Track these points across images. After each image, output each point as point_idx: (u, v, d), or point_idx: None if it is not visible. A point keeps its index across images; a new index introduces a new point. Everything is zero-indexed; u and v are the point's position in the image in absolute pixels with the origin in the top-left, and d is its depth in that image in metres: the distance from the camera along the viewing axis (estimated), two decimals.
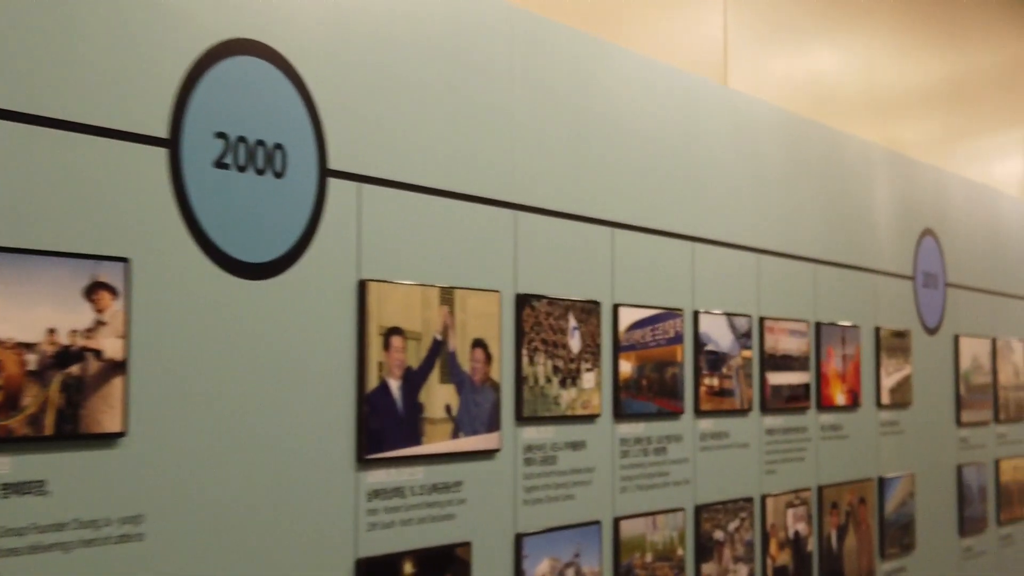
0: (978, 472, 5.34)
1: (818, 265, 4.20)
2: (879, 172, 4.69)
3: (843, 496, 4.23)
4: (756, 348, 3.82)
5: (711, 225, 3.64)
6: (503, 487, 2.82)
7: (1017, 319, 5.88)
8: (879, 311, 4.59)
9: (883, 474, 4.54)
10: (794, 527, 3.94)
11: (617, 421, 3.20)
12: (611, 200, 3.23)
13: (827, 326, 4.19)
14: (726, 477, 3.63)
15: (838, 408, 4.25)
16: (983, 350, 5.46)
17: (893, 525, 4.56)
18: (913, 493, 4.74)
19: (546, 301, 2.97)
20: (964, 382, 5.25)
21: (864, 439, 4.42)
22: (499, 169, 2.87)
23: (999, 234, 5.75)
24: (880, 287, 4.61)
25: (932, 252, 5.06)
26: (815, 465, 4.11)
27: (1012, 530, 5.68)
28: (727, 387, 3.65)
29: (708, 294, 3.60)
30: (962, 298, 5.31)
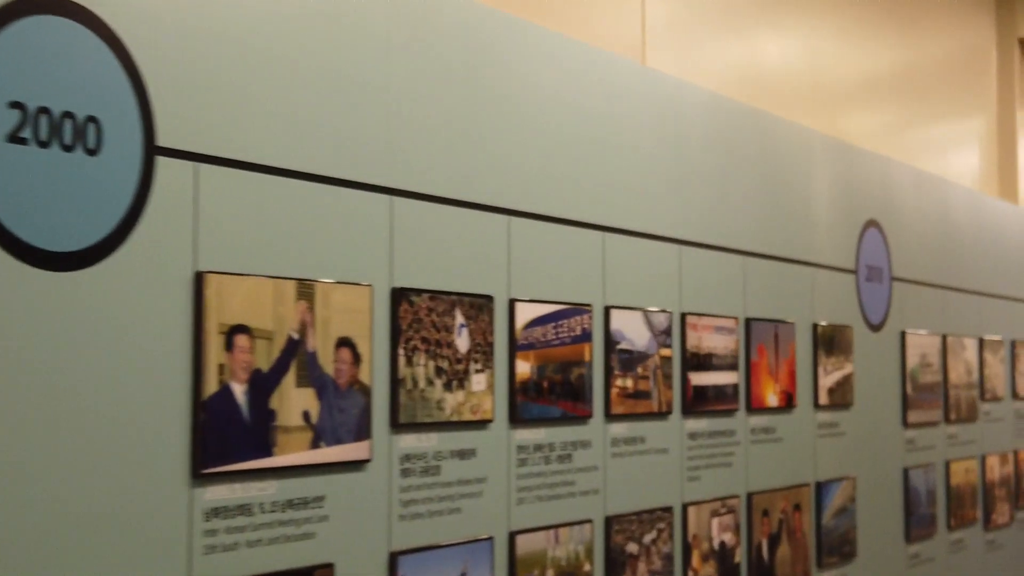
0: (926, 475, 5.11)
1: (748, 258, 3.94)
2: (818, 160, 4.45)
3: (775, 503, 3.98)
4: (677, 346, 3.56)
5: (625, 214, 3.37)
6: (375, 501, 2.55)
7: (968, 315, 5.65)
8: (817, 306, 4.35)
9: (821, 479, 4.29)
10: (720, 537, 3.69)
11: (514, 426, 2.93)
12: (507, 185, 2.96)
13: (758, 322, 3.94)
14: (642, 485, 3.37)
15: (770, 410, 4.00)
16: (932, 347, 5.23)
17: (832, 533, 4.32)
18: (854, 498, 4.50)
19: (428, 296, 2.69)
20: (911, 381, 5.02)
21: (799, 442, 4.18)
22: (372, 150, 2.59)
23: (949, 226, 5.52)
24: (818, 281, 4.37)
25: (876, 244, 4.82)
26: (744, 471, 3.86)
27: (963, 535, 5.45)
28: (643, 388, 3.39)
29: (621, 288, 3.34)
30: (909, 293, 5.07)
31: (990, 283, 5.93)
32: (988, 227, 5.97)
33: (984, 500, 5.69)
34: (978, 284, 5.77)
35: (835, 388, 4.41)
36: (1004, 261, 6.14)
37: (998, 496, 5.84)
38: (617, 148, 3.36)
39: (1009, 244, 6.24)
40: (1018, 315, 6.26)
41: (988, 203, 6.07)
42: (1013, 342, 6.16)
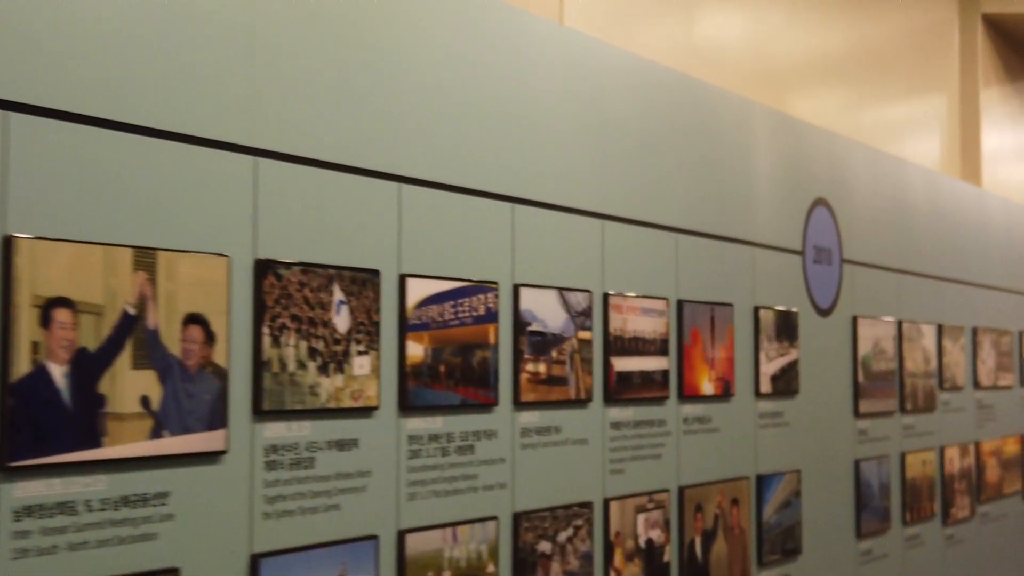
0: (879, 467, 4.86)
1: (681, 235, 3.68)
2: (761, 134, 4.19)
3: (710, 497, 3.73)
4: (599, 329, 3.30)
5: (538, 184, 3.11)
6: (232, 498, 2.27)
7: (926, 300, 5.41)
8: (759, 289, 4.09)
9: (762, 471, 4.04)
10: (646, 535, 3.43)
11: (404, 415, 2.66)
12: (399, 149, 2.69)
13: (692, 304, 3.68)
14: (557, 479, 3.11)
15: (706, 398, 3.74)
16: (886, 333, 4.98)
17: (774, 529, 4.07)
18: (800, 492, 4.25)
19: (299, 269, 2.42)
20: (863, 369, 4.77)
21: (738, 433, 3.92)
22: (233, 105, 2.31)
23: (905, 207, 5.27)
24: (760, 262, 4.11)
25: (825, 224, 4.57)
26: (675, 463, 3.60)
27: (920, 530, 5.21)
28: (558, 374, 3.13)
29: (534, 265, 3.07)
30: (861, 276, 4.82)
31: (950, 267, 5.69)
32: (947, 209, 5.73)
33: (943, 494, 5.45)
34: (937, 268, 5.54)
35: (779, 375, 4.16)
36: (965, 245, 5.91)
37: (958, 489, 5.61)
38: (529, 112, 3.09)
39: (970, 227, 6.01)
40: (980, 301, 6.03)
41: (947, 184, 5.84)
42: (975, 329, 5.92)
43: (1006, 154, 7.38)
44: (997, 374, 6.17)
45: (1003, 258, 6.39)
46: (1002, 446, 6.18)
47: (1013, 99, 7.36)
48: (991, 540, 5.97)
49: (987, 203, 6.29)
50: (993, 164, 7.02)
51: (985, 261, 6.14)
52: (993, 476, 6.04)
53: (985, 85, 6.70)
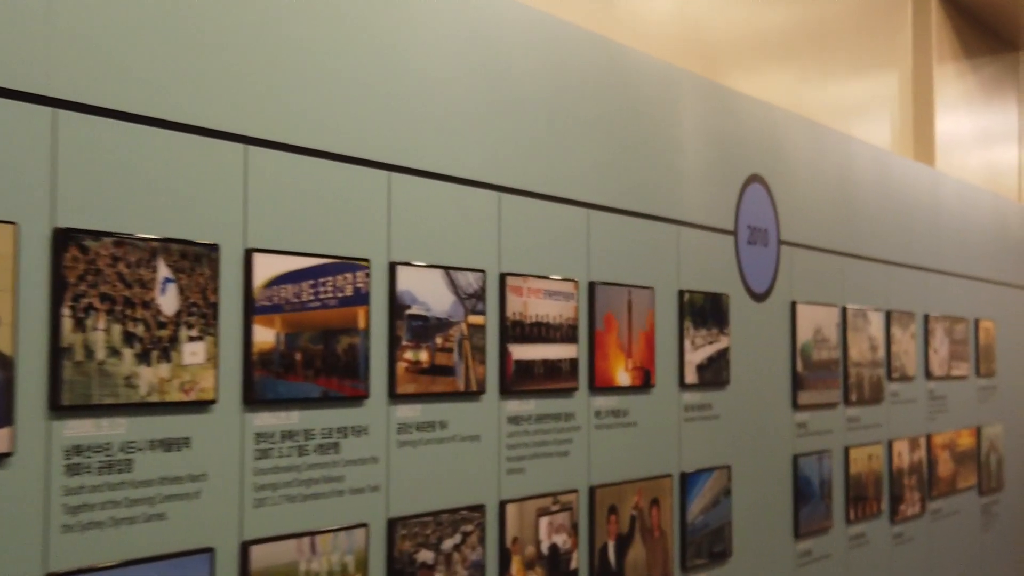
0: (820, 462, 4.57)
1: (594, 211, 3.36)
2: (688, 103, 3.87)
3: (626, 498, 3.42)
4: (494, 313, 2.97)
5: (421, 150, 2.77)
6: (21, 509, 1.93)
7: (874, 286, 5.12)
8: (684, 271, 3.78)
9: (686, 469, 3.73)
10: (550, 540, 3.11)
11: (249, 409, 2.33)
12: (244, 106, 2.35)
13: (606, 287, 3.37)
14: (442, 480, 2.79)
15: (621, 389, 3.43)
16: (828, 320, 4.68)
17: (700, 530, 3.76)
18: (730, 490, 3.95)
19: (112, 240, 2.08)
20: (802, 358, 4.47)
21: (659, 427, 3.61)
22: (26, 49, 1.97)
23: (850, 186, 4.98)
24: (686, 242, 3.80)
25: (761, 203, 4.26)
26: (586, 461, 3.28)
27: (865, 528, 4.93)
28: (443, 363, 2.80)
29: (414, 242, 2.74)
30: (802, 259, 4.52)
31: (900, 251, 5.41)
32: (897, 190, 5.44)
33: (891, 490, 5.17)
34: (885, 252, 5.25)
35: (706, 365, 3.85)
36: (916, 228, 5.62)
37: (907, 485, 5.33)
38: (409, 70, 2.76)
39: (922, 209, 5.72)
40: (932, 287, 5.75)
41: (897, 163, 5.54)
42: (927, 316, 5.64)
43: (961, 135, 7.11)
44: (950, 364, 5.89)
45: (958, 242, 6.12)
46: (955, 439, 5.91)
47: (969, 77, 7.09)
48: (943, 538, 5.71)
49: (941, 184, 6.01)
50: (947, 145, 6.74)
51: (938, 245, 5.86)
52: (946, 471, 5.77)
53: (940, 62, 6.41)
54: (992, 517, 6.39)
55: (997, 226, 6.73)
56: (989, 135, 7.71)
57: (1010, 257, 6.92)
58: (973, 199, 6.39)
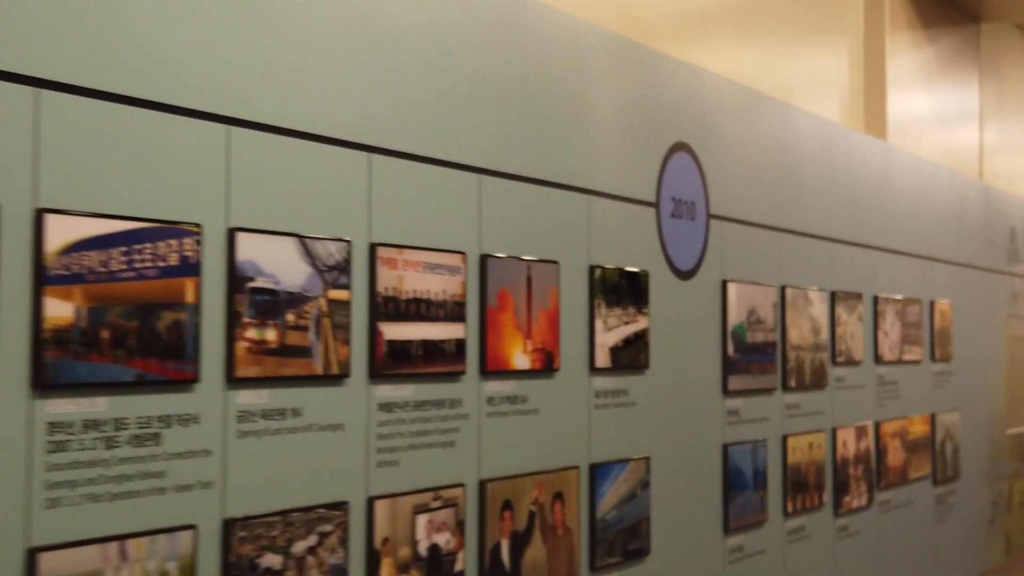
0: (754, 452, 4.28)
1: (487, 177, 3.05)
2: (605, 64, 3.56)
3: (524, 492, 3.11)
4: (361, 287, 2.66)
5: (265, 102, 2.45)
6: None
7: (816, 264, 4.83)
8: (596, 245, 3.47)
9: (597, 460, 3.43)
10: (429, 540, 2.80)
11: (39, 395, 2.01)
12: (37, 47, 2.02)
13: (500, 260, 3.06)
14: (293, 474, 2.47)
15: (518, 373, 3.12)
16: (765, 300, 4.39)
17: (613, 527, 3.47)
18: (648, 483, 3.65)
19: None
20: (734, 340, 4.17)
21: (565, 415, 3.31)
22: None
23: (791, 158, 4.67)
24: (599, 214, 3.49)
25: (687, 173, 3.96)
26: (475, 452, 2.98)
27: (806, 521, 4.65)
28: (296, 343, 2.49)
29: (260, 206, 2.43)
30: (734, 234, 4.22)
31: (847, 228, 5.12)
32: (844, 163, 5.15)
33: (834, 480, 4.89)
34: (830, 229, 4.95)
35: (621, 347, 3.55)
36: (865, 204, 5.33)
37: (853, 475, 5.05)
38: (267, 17, 2.43)
39: (872, 184, 5.43)
40: (883, 266, 5.46)
41: (844, 135, 5.24)
42: (876, 298, 5.36)
43: (917, 111, 6.81)
44: (902, 348, 5.61)
45: (912, 220, 5.83)
46: (908, 427, 5.64)
47: (927, 49, 6.79)
48: (892, 529, 5.43)
49: (893, 159, 5.71)
50: (902, 122, 6.45)
51: (889, 223, 5.57)
52: (896, 460, 5.50)
53: (893, 32, 6.11)
54: (947, 508, 6.13)
55: (956, 204, 6.45)
56: (948, 111, 7.42)
57: (970, 236, 6.65)
58: (929, 175, 6.10)
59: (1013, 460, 7.28)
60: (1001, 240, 7.20)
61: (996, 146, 8.02)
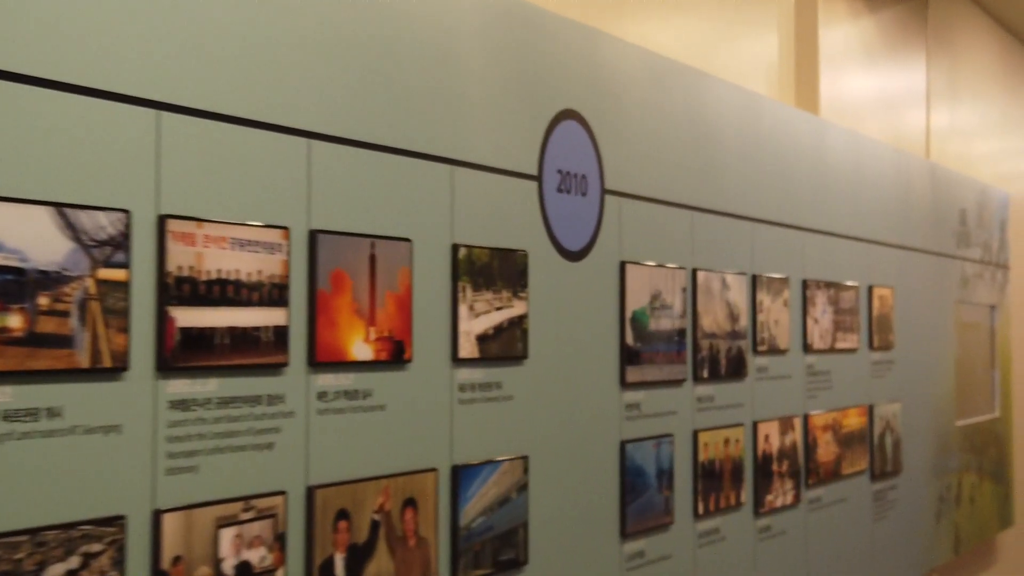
0: (658, 449, 3.93)
1: (317, 142, 2.68)
2: (476, 20, 3.19)
3: (364, 499, 2.75)
4: (145, 266, 2.29)
5: (14, 43, 2.08)
6: None
7: (734, 245, 4.48)
8: (461, 221, 3.11)
9: (460, 461, 3.07)
10: (238, 556, 2.44)
11: None
12: None
13: (334, 237, 2.69)
14: (48, 484, 2.11)
15: (359, 365, 2.76)
16: (672, 284, 4.03)
17: (481, 535, 3.11)
18: (526, 485, 3.30)
19: None
20: (635, 328, 3.82)
21: (420, 411, 2.95)
22: None
23: (704, 128, 4.31)
24: (465, 186, 3.12)
25: (577, 144, 3.59)
26: (302, 455, 2.62)
27: (720, 523, 4.31)
28: (51, 331, 2.11)
29: (7, 169, 2.05)
30: (635, 212, 3.86)
31: (772, 207, 4.77)
32: (769, 137, 4.79)
33: (755, 478, 4.55)
34: (751, 207, 4.60)
35: (492, 335, 3.19)
36: (794, 182, 4.98)
37: (777, 472, 4.72)
38: None
39: (803, 161, 5.08)
40: (814, 249, 5.12)
41: (771, 108, 4.88)
42: (805, 282, 5.01)
43: (854, 87, 6.45)
44: (835, 335, 5.28)
45: (849, 200, 5.49)
46: (841, 419, 5.30)
47: (866, 19, 6.42)
48: (823, 529, 5.10)
49: (827, 135, 5.37)
50: (838, 97, 6.09)
51: (823, 203, 5.23)
52: (828, 454, 5.16)
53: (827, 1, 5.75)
54: (887, 504, 5.81)
55: (900, 184, 6.11)
56: (892, 91, 7.07)
57: (915, 219, 6.32)
58: (869, 152, 5.76)
59: (963, 453, 6.97)
60: (950, 223, 6.88)
61: (947, 129, 7.68)
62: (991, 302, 7.64)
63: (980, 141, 8.57)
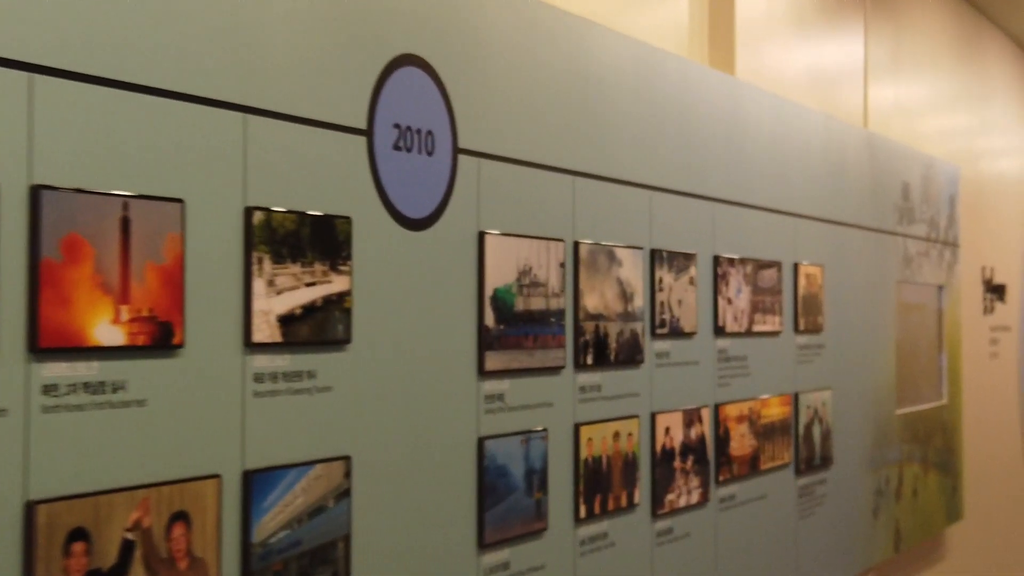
0: (528, 446, 3.46)
1: (42, 76, 2.18)
2: None
3: (111, 515, 2.26)
4: None
5: None
6: None
7: (628, 215, 4.00)
8: (258, 181, 2.62)
9: (253, 466, 2.58)
10: None
11: None
12: None
13: (66, 194, 2.19)
14: None
15: (105, 351, 2.26)
16: (547, 258, 3.56)
17: (282, 552, 2.63)
18: (348, 491, 2.81)
19: None
20: (497, 308, 3.34)
21: (195, 406, 2.46)
22: None
23: (590, 85, 3.82)
24: (263, 139, 2.63)
25: (420, 95, 3.10)
26: (18, 464, 2.12)
27: (608, 527, 3.84)
28: None
29: None
30: (500, 175, 3.38)
31: (678, 176, 4.29)
32: (675, 97, 4.31)
33: (653, 475, 4.08)
34: (651, 175, 4.12)
35: (300, 316, 2.70)
36: (705, 148, 4.50)
37: (681, 468, 4.25)
38: None
39: (715, 125, 4.60)
40: (728, 222, 4.65)
41: (676, 65, 4.38)
42: (717, 258, 4.55)
43: (780, 57, 5.97)
44: (753, 317, 4.81)
45: (770, 170, 5.02)
46: (760, 408, 4.85)
47: None
48: (736, 529, 4.65)
49: (746, 97, 4.89)
50: (761, 68, 5.61)
51: (740, 172, 4.76)
52: (743, 447, 4.71)
53: None
54: (815, 500, 5.36)
55: (831, 154, 5.65)
56: (825, 63, 6.58)
57: (851, 192, 5.86)
58: (795, 118, 5.29)
59: (904, 443, 6.53)
60: (892, 197, 6.42)
61: (892, 105, 7.21)
62: (938, 282, 7.21)
63: (930, 118, 8.11)
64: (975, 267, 8.73)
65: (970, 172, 8.52)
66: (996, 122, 9.55)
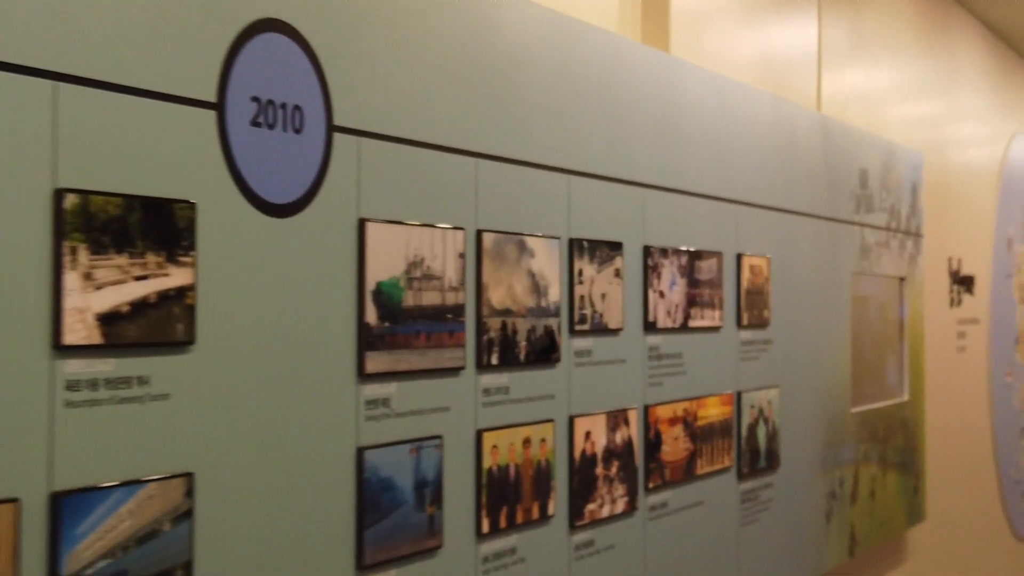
0: (418, 456, 3.13)
1: None
2: None
3: None
4: None
5: None
6: None
7: (541, 201, 3.67)
8: (71, 159, 2.28)
9: (64, 486, 2.25)
10: None
11: None
12: None
13: None
14: None
15: None
16: (443, 249, 3.23)
17: None
18: (190, 511, 2.48)
19: None
20: (381, 303, 3.01)
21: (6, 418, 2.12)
22: None
23: (495, 56, 3.48)
24: (78, 111, 2.29)
25: (287, 66, 2.76)
26: None
27: (517, 541, 3.52)
28: None
29: None
30: (383, 157, 3.05)
31: (602, 159, 3.96)
32: (598, 74, 3.97)
33: (571, 484, 3.76)
34: (565, 158, 3.79)
35: (126, 315, 2.36)
36: (635, 130, 4.17)
37: (604, 475, 3.93)
38: None
39: (647, 105, 4.27)
40: (660, 210, 4.33)
41: (594, 37, 4.03)
42: (647, 248, 4.22)
43: (723, 31, 5.65)
44: (689, 311, 4.49)
45: (704, 153, 4.70)
46: (697, 409, 4.53)
47: None
48: (669, 539, 4.34)
49: (683, 76, 4.56)
50: (690, 27, 5.28)
51: (670, 155, 4.43)
52: (677, 452, 4.39)
53: None
54: (759, 506, 5.05)
55: (779, 138, 5.33)
56: (776, 47, 6.27)
57: (800, 178, 5.54)
58: (738, 98, 4.96)
59: (861, 442, 6.23)
60: (848, 184, 6.11)
61: (850, 91, 6.89)
62: (899, 273, 6.90)
63: (893, 105, 7.80)
64: (942, 258, 8.44)
65: (937, 161, 8.22)
66: (964, 109, 9.25)
